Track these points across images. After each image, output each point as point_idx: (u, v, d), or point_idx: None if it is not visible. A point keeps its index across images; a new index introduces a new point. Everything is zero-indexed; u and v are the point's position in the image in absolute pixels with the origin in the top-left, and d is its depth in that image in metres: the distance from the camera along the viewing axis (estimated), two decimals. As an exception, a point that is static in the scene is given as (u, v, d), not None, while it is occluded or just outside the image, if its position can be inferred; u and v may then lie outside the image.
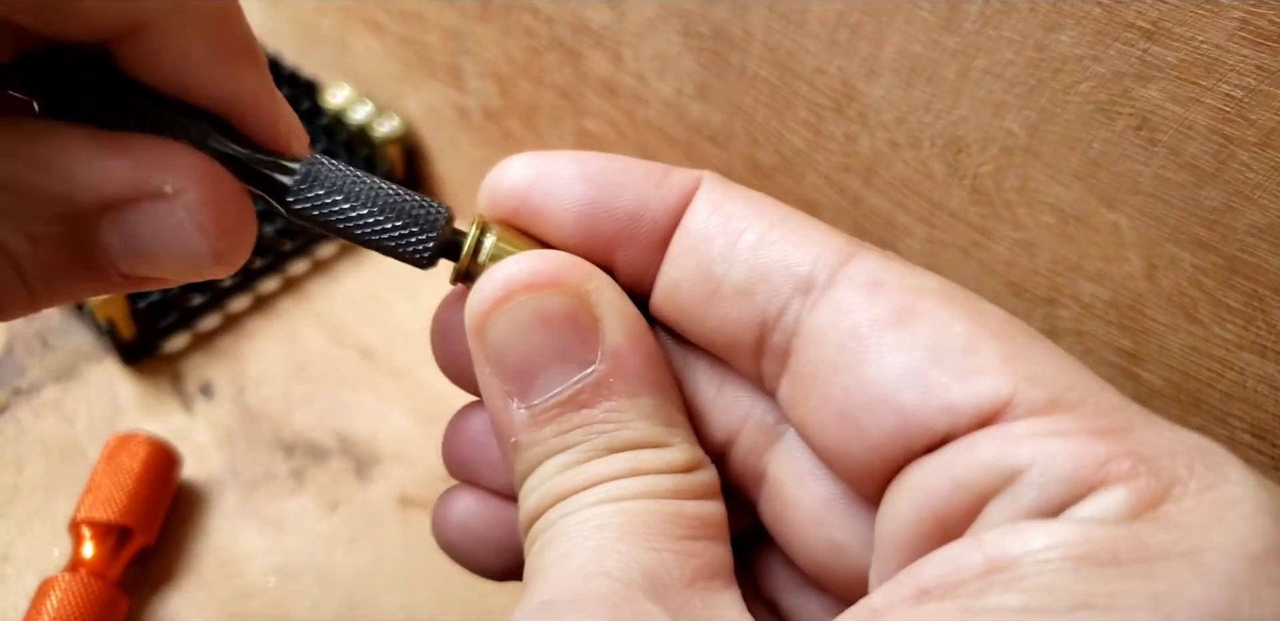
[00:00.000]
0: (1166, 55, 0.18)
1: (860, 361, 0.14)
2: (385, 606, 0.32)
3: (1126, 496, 0.12)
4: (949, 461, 0.13)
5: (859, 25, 0.22)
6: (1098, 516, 0.12)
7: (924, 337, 0.14)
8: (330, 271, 0.41)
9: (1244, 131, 0.18)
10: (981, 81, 0.21)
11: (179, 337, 0.38)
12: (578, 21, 0.29)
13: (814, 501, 0.16)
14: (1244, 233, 0.19)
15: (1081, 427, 0.13)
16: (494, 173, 0.17)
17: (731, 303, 0.16)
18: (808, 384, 0.15)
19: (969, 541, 0.13)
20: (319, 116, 0.43)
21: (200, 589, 0.32)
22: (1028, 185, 0.22)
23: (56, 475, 0.34)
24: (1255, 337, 0.20)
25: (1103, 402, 0.14)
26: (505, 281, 0.15)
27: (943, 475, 0.13)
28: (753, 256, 0.16)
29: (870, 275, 0.15)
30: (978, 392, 0.13)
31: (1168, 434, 0.13)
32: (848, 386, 0.14)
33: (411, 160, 0.43)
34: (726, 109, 0.27)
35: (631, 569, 0.14)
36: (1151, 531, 0.12)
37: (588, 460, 0.15)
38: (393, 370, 0.38)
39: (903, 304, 0.14)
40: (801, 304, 0.15)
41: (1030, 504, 0.13)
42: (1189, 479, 0.12)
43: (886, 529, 0.14)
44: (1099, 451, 0.13)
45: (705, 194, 0.16)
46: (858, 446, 0.14)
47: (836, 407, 0.15)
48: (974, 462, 0.13)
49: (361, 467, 0.35)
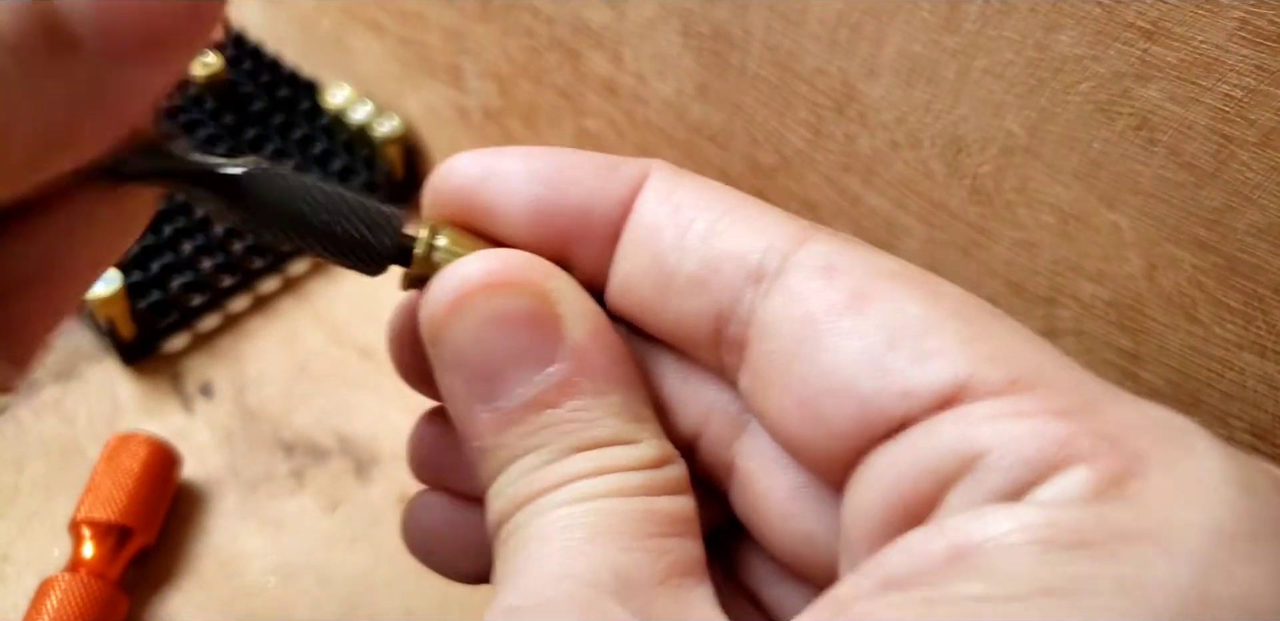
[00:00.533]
0: (1166, 55, 0.18)
1: (815, 348, 0.14)
2: (385, 606, 0.32)
3: (1089, 476, 0.12)
4: (910, 446, 0.13)
5: (859, 25, 0.22)
6: (1061, 497, 0.12)
7: (879, 322, 0.14)
8: (330, 272, 0.41)
9: (1244, 131, 0.18)
10: (981, 81, 0.21)
11: (179, 337, 0.38)
12: (578, 21, 0.29)
13: (782, 491, 0.16)
14: (1244, 232, 0.19)
15: (1042, 407, 0.13)
16: (439, 172, 0.16)
17: (686, 294, 0.15)
18: (765, 374, 0.15)
19: (931, 528, 0.12)
20: (319, 116, 0.43)
21: (200, 589, 0.32)
22: (1028, 185, 0.22)
23: (56, 475, 0.34)
24: (1255, 337, 0.20)
25: (1064, 380, 0.13)
26: (460, 283, 0.15)
27: (904, 461, 0.13)
28: (704, 246, 0.15)
29: (823, 259, 0.14)
30: (935, 375, 0.13)
31: (1131, 409, 0.13)
32: (805, 374, 0.14)
33: (411, 160, 0.43)
34: (726, 109, 0.27)
35: (600, 570, 0.13)
36: (1116, 511, 0.11)
37: (555, 460, 0.15)
38: (392, 370, 0.38)
39: (857, 288, 0.14)
40: (754, 292, 0.15)
41: (992, 487, 0.12)
42: (1154, 455, 0.12)
43: (852, 516, 0.14)
44: (1060, 431, 0.12)
45: (654, 184, 0.16)
46: (819, 434, 0.14)
47: (795, 396, 0.14)
48: (934, 447, 0.13)
49: (361, 467, 0.35)
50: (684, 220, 0.15)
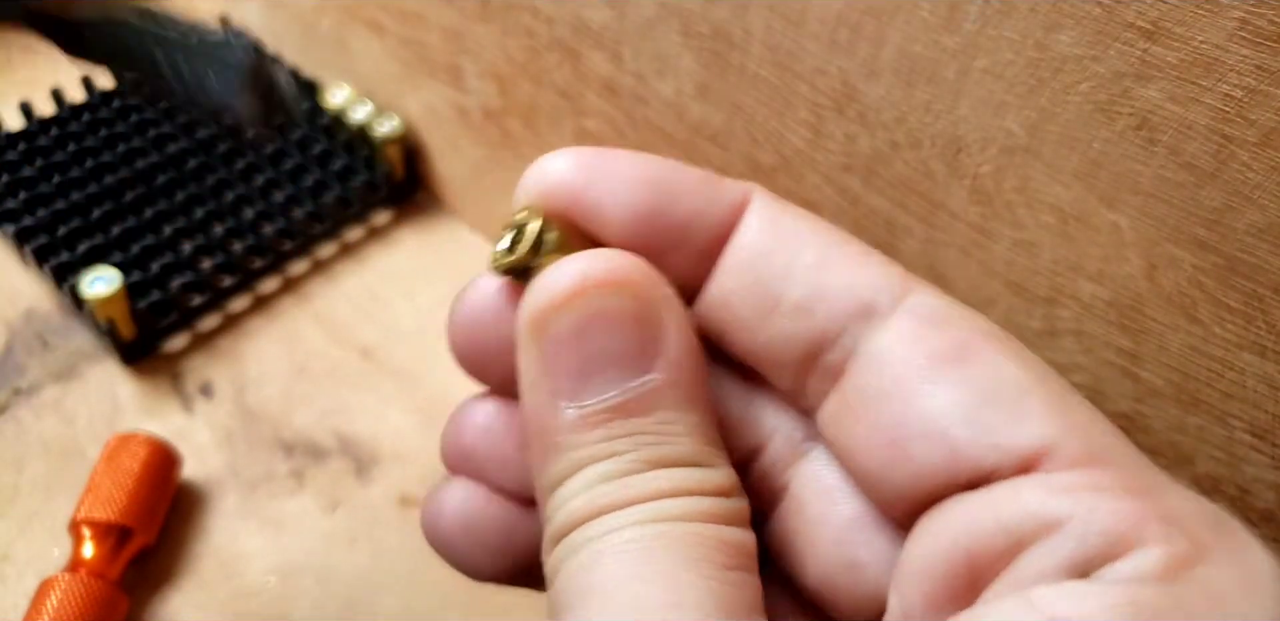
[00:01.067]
0: (1166, 55, 0.18)
1: (916, 392, 0.14)
2: (385, 606, 0.32)
3: (1162, 556, 0.12)
4: (992, 501, 0.14)
5: (859, 25, 0.22)
6: (1136, 575, 0.12)
7: (979, 377, 0.14)
8: (330, 271, 0.41)
9: (1244, 131, 0.18)
10: (981, 81, 0.21)
11: (179, 338, 0.38)
12: (577, 21, 0.29)
13: (840, 519, 0.16)
14: (1244, 232, 0.19)
15: (1117, 484, 0.13)
16: (542, 166, 0.16)
17: (788, 318, 0.15)
18: (858, 407, 0.15)
19: (1020, 600, 0.13)
20: (319, 116, 0.43)
21: (200, 588, 0.32)
22: (1028, 185, 0.22)
23: (56, 475, 0.34)
24: (1255, 337, 0.20)
25: (1133, 462, 0.14)
26: (579, 277, 0.15)
27: (985, 514, 0.13)
28: (813, 275, 0.15)
29: (931, 310, 0.15)
30: (1027, 436, 0.14)
31: (1188, 497, 0.13)
32: (902, 414, 0.14)
33: (411, 160, 0.43)
34: (726, 109, 0.27)
35: (706, 600, 0.13)
36: (1189, 593, 0.12)
37: (632, 472, 0.14)
38: (393, 370, 0.38)
39: (962, 342, 0.14)
40: (861, 328, 0.15)
41: (1069, 556, 0.13)
42: (1214, 543, 0.13)
43: (916, 555, 0.14)
44: (1135, 510, 0.13)
45: (759, 209, 0.16)
46: (902, 473, 0.14)
47: (886, 434, 0.14)
48: (1017, 507, 0.13)
49: (361, 467, 0.35)
50: (792, 248, 0.16)
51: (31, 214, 0.39)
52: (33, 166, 0.41)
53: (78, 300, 0.36)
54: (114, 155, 0.41)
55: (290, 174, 0.42)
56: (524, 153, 0.37)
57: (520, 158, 0.37)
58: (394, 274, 0.41)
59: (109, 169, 0.41)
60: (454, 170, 0.41)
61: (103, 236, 0.39)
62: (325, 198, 0.41)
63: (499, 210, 0.41)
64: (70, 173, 0.40)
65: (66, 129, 0.42)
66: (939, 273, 0.25)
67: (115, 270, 0.35)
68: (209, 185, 0.41)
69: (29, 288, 0.39)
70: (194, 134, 0.43)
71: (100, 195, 0.40)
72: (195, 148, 0.42)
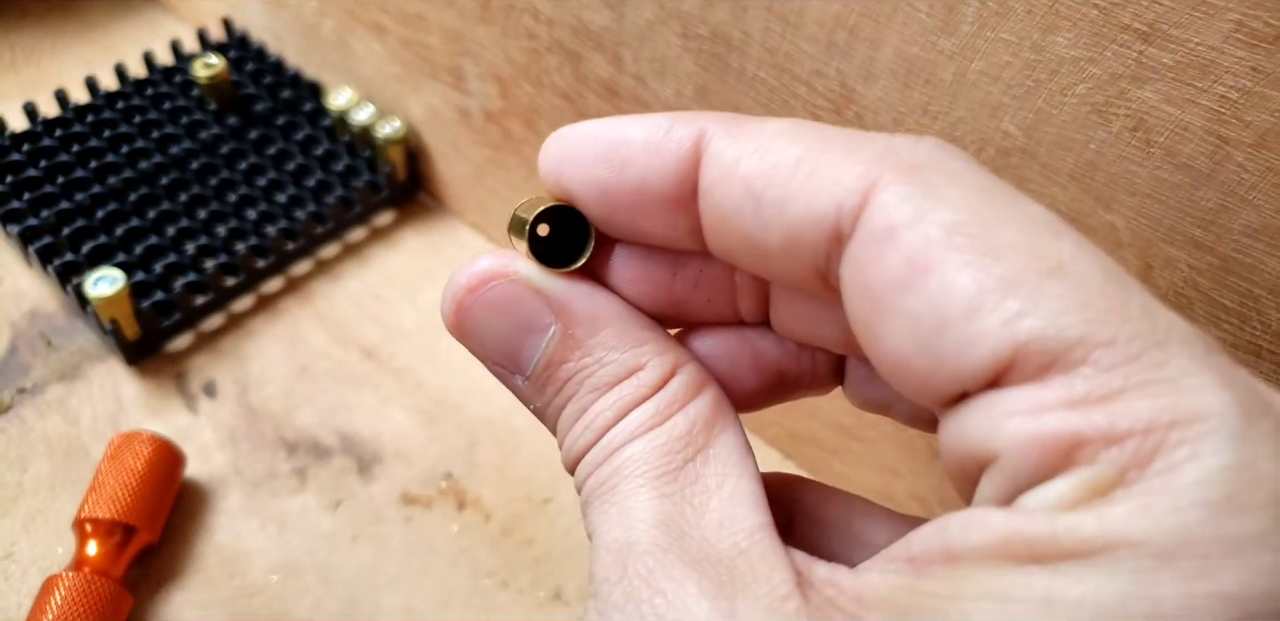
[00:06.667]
0: (1162, 57, 0.18)
1: (878, 323, 0.14)
2: (387, 604, 0.32)
3: (1075, 484, 0.12)
4: (960, 423, 0.14)
5: (857, 27, 0.23)
6: (1042, 505, 0.12)
7: (925, 302, 0.13)
8: (332, 272, 0.41)
9: (1239, 133, 0.18)
10: (978, 83, 0.21)
11: (182, 337, 0.38)
12: (578, 23, 0.30)
13: None
14: (1239, 233, 0.19)
15: (1067, 398, 0.12)
16: (542, 150, 0.18)
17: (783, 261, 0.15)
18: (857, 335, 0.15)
19: (940, 525, 0.13)
20: (321, 118, 0.44)
21: (203, 586, 0.32)
22: (1025, 186, 0.22)
23: (60, 474, 0.34)
24: (1251, 337, 0.20)
25: (1113, 355, 0.12)
26: (453, 293, 0.18)
27: (954, 436, 0.14)
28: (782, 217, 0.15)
29: (886, 222, 0.14)
30: (978, 357, 0.13)
31: (1170, 391, 0.12)
32: (872, 347, 0.14)
33: (413, 161, 0.43)
34: (725, 110, 0.27)
35: (653, 529, 0.15)
36: (1081, 523, 0.12)
37: (586, 405, 0.17)
38: (394, 369, 0.38)
39: (908, 259, 0.14)
40: (834, 248, 0.15)
41: (1000, 492, 0.13)
42: (1154, 458, 0.12)
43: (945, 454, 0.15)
44: (1068, 431, 0.12)
45: (714, 150, 0.16)
46: (912, 381, 0.14)
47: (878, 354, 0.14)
48: (967, 436, 0.13)
49: (364, 466, 0.35)
50: (756, 190, 0.15)
51: (36, 215, 0.39)
52: (37, 167, 0.41)
53: (82, 300, 0.36)
54: (118, 156, 0.42)
55: (293, 175, 0.42)
56: (525, 154, 0.37)
57: (521, 159, 0.37)
58: (396, 274, 0.42)
59: (113, 170, 0.41)
60: (456, 171, 0.42)
61: (106, 237, 0.39)
62: (328, 199, 0.41)
63: (500, 211, 0.41)
64: (74, 174, 0.41)
65: (70, 130, 0.42)
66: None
67: (119, 270, 0.35)
68: (212, 186, 0.41)
69: (33, 288, 0.40)
70: (197, 135, 0.43)
71: (104, 196, 0.40)
72: (198, 149, 0.42)
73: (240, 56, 0.46)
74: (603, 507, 0.16)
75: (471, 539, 0.34)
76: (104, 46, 0.50)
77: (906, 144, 0.15)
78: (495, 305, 0.17)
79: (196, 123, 0.43)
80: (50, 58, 0.49)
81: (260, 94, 0.44)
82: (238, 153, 0.42)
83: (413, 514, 0.34)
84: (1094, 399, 0.12)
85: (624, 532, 0.15)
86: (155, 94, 0.44)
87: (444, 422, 0.36)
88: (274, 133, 0.43)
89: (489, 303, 0.17)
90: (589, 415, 0.17)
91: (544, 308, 0.17)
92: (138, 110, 0.44)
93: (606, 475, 0.17)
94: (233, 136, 0.43)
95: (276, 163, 0.42)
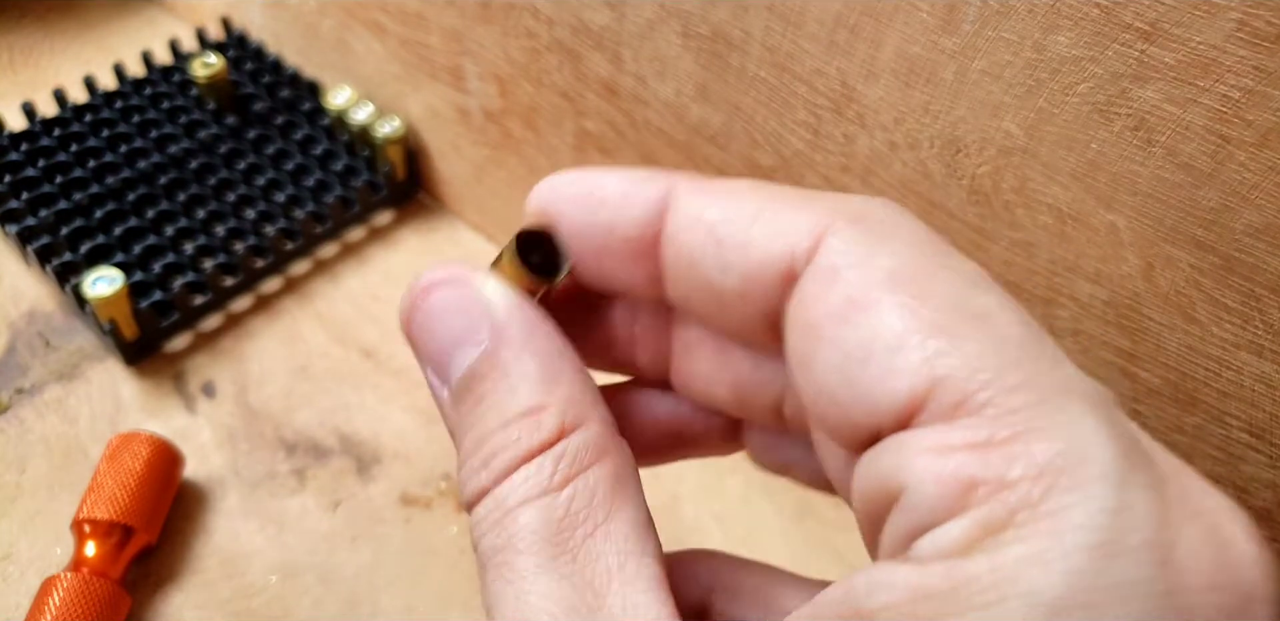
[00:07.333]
0: (1164, 56, 0.18)
1: (813, 356, 0.15)
2: (386, 605, 0.32)
3: (970, 526, 0.12)
4: (875, 460, 0.14)
5: (858, 26, 0.23)
6: (939, 550, 0.13)
7: (856, 337, 0.14)
8: (331, 271, 0.41)
9: (1241, 132, 0.18)
10: (980, 82, 0.21)
11: (181, 337, 0.38)
12: (578, 23, 0.30)
13: None
14: (1241, 232, 0.19)
15: (969, 440, 0.13)
16: (536, 190, 0.19)
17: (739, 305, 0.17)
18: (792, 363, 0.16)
19: (846, 585, 0.13)
20: (320, 117, 0.44)
21: (202, 587, 0.32)
22: (1026, 186, 0.22)
23: (59, 474, 0.34)
24: (1252, 337, 0.20)
25: (1018, 400, 0.13)
26: (410, 294, 0.18)
27: (868, 473, 0.14)
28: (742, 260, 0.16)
29: (830, 264, 0.15)
30: (894, 392, 0.14)
31: (1064, 435, 0.13)
32: (805, 380, 0.15)
33: (413, 161, 0.43)
34: (726, 110, 0.27)
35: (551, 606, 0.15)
36: (976, 577, 0.12)
37: (486, 435, 0.17)
38: (394, 369, 0.38)
39: (847, 298, 0.15)
40: (788, 290, 0.16)
41: (904, 529, 0.13)
42: (1044, 501, 0.12)
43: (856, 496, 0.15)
44: (969, 473, 0.13)
45: (680, 200, 0.17)
46: (822, 422, 0.15)
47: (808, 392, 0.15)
48: (878, 474, 0.14)
49: (363, 466, 0.35)
50: (718, 234, 0.16)
51: (34, 214, 0.39)
52: (35, 167, 0.41)
53: (80, 300, 0.36)
54: (116, 156, 0.41)
55: (292, 175, 0.42)
56: (524, 153, 0.37)
57: (521, 158, 0.37)
58: (395, 274, 0.42)
59: (111, 169, 0.41)
60: (455, 171, 0.42)
61: (105, 237, 0.39)
62: (327, 198, 0.41)
63: (499, 211, 0.41)
64: (72, 173, 0.41)
65: (69, 129, 0.42)
66: (938, 273, 0.25)
67: (117, 270, 0.35)
68: (211, 186, 0.41)
69: (32, 288, 0.40)
70: (196, 135, 0.43)
71: (102, 196, 0.40)
72: (197, 148, 0.42)
73: (239, 56, 0.46)
74: (499, 584, 0.16)
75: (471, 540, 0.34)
76: (102, 46, 0.50)
77: (859, 200, 0.16)
78: (440, 311, 0.18)
79: (195, 122, 0.43)
80: (49, 57, 0.49)
81: (259, 93, 0.44)
82: (236, 152, 0.42)
83: (412, 514, 0.34)
84: (995, 441, 0.13)
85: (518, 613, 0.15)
86: (154, 93, 0.44)
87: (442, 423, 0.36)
88: (273, 132, 0.43)
89: (435, 307, 0.18)
90: (485, 451, 0.17)
91: (484, 322, 0.17)
92: (136, 110, 0.43)
93: (501, 544, 0.16)
94: (231, 136, 0.43)
95: (275, 162, 0.42)
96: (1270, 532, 0.22)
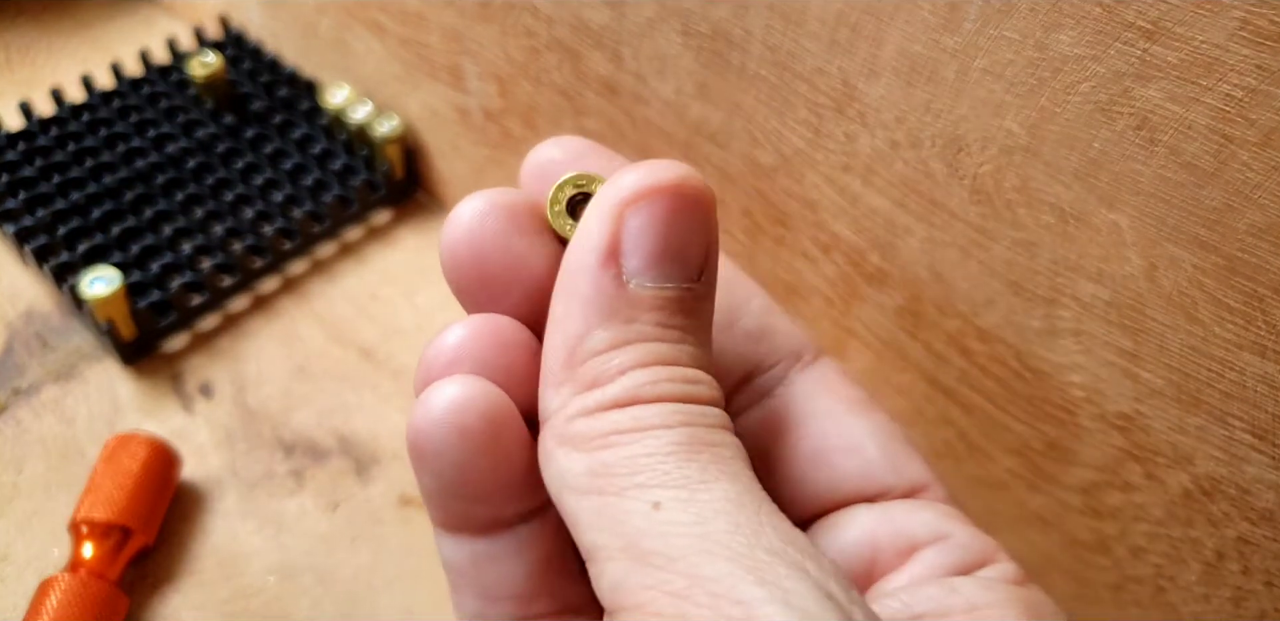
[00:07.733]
0: (1167, 55, 0.18)
1: (841, 420, 0.19)
2: (385, 606, 0.32)
3: (1013, 570, 0.18)
4: (890, 513, 0.18)
5: (859, 25, 0.22)
6: (1004, 578, 0.18)
7: (883, 422, 0.19)
8: (330, 271, 0.41)
9: (1244, 131, 0.18)
10: (981, 81, 0.21)
11: (179, 337, 0.38)
12: (577, 21, 0.29)
13: None
14: (1244, 232, 0.19)
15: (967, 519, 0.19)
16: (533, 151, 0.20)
17: (744, 341, 0.20)
18: (787, 422, 0.19)
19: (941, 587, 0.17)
20: (319, 116, 0.43)
21: (200, 588, 0.32)
22: (1028, 185, 0.22)
23: (56, 475, 0.34)
24: (1255, 337, 0.20)
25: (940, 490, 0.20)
26: (681, 175, 0.15)
27: (885, 521, 0.18)
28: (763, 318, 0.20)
29: (840, 369, 0.20)
30: (916, 470, 0.19)
31: None
32: (829, 434, 0.19)
33: (411, 160, 0.43)
34: (726, 108, 0.27)
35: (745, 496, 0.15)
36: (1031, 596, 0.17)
37: (677, 361, 0.15)
38: (392, 370, 0.38)
39: (866, 396, 0.20)
40: (792, 365, 0.20)
41: (956, 560, 0.18)
42: None
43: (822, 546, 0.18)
44: (986, 537, 0.18)
45: None
46: (820, 479, 0.19)
47: (814, 445, 0.19)
48: (915, 520, 0.18)
49: (361, 467, 0.35)
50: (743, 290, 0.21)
51: (31, 214, 0.39)
52: (32, 166, 0.41)
53: (77, 300, 0.36)
54: (113, 155, 0.41)
55: (290, 174, 0.42)
56: (524, 153, 0.36)
57: (520, 158, 0.37)
58: (394, 273, 0.41)
59: (109, 169, 0.41)
60: (454, 170, 0.41)
61: (102, 236, 0.39)
62: (325, 197, 0.41)
63: (499, 210, 0.41)
64: (70, 173, 0.40)
65: (66, 129, 0.42)
66: (939, 272, 0.25)
67: (115, 270, 0.35)
68: (208, 185, 0.41)
69: (29, 288, 0.39)
70: (193, 134, 0.43)
71: (100, 195, 0.40)
72: (195, 147, 0.42)
73: (237, 55, 0.46)
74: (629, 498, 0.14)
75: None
76: (100, 45, 0.50)
77: None
78: (700, 222, 0.16)
79: (193, 121, 0.43)
80: (46, 56, 0.49)
81: (257, 92, 0.44)
82: (234, 151, 0.42)
83: (411, 515, 0.34)
84: None
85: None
86: (151, 92, 0.44)
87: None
88: (270, 131, 0.43)
89: (698, 215, 0.16)
90: (675, 371, 0.15)
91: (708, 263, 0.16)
92: (134, 109, 0.43)
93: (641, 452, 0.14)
94: (229, 135, 0.43)
95: (273, 161, 0.42)
96: (1273, 534, 0.22)
